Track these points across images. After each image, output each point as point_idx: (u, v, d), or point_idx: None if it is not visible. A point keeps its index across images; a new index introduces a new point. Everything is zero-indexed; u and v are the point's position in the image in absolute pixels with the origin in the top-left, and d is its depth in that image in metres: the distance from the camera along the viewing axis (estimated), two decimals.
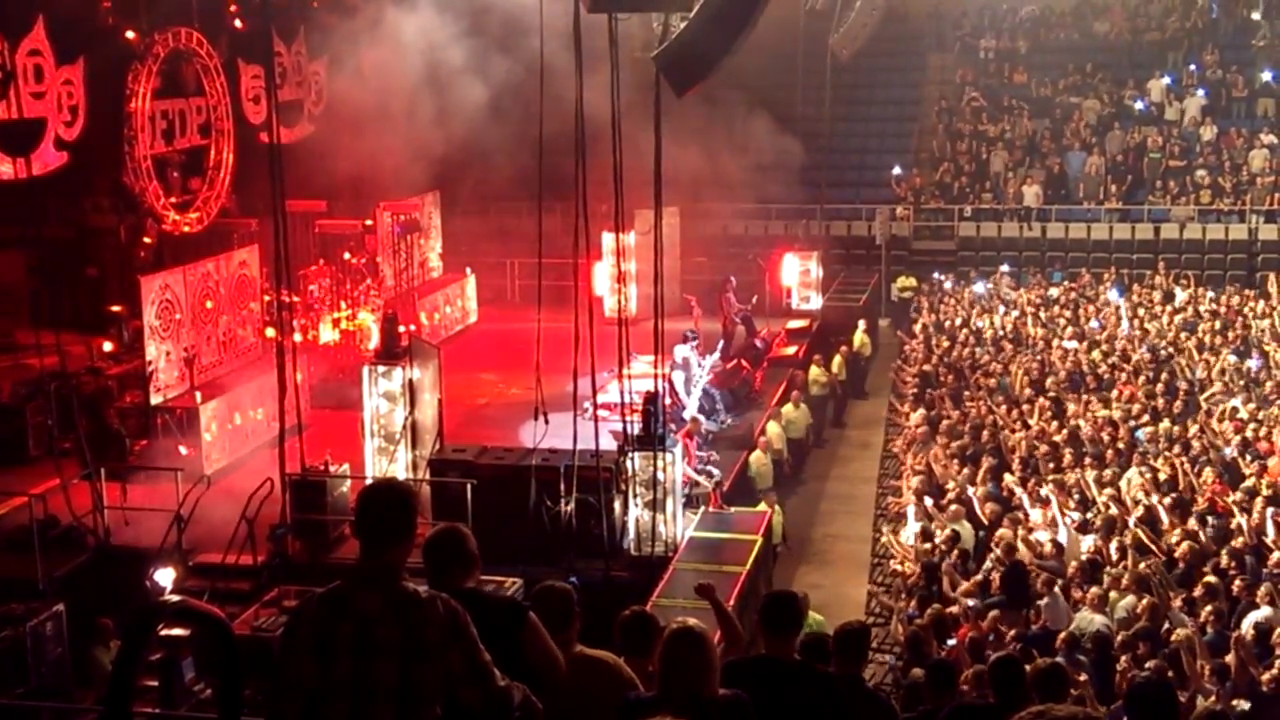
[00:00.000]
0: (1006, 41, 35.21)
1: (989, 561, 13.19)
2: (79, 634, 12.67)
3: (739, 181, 26.60)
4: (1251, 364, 20.35)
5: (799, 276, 26.57)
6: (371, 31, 23.65)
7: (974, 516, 14.43)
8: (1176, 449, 16.10)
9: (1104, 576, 12.41)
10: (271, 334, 19.88)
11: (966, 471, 15.89)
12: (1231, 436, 16.66)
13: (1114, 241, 29.83)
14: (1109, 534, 13.52)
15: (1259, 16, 33.89)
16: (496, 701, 4.46)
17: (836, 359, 22.92)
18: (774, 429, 18.97)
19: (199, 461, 16.74)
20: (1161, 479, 15.14)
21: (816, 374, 22.03)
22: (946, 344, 22.39)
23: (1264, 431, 16.75)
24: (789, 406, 19.95)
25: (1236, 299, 24.94)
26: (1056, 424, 17.44)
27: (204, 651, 11.28)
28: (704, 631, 4.84)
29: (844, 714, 5.84)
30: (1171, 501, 14.21)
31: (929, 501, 14.90)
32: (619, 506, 14.85)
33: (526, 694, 4.62)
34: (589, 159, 14.21)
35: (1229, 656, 10.40)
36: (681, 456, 15.54)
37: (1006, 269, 28.15)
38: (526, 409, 15.34)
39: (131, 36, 20.23)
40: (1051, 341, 22.20)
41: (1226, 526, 13.53)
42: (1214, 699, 9.66)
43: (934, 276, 28.58)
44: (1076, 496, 14.78)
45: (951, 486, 15.43)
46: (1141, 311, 24.26)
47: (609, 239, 20.32)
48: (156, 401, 17.43)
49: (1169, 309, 24.54)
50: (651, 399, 15.01)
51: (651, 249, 14.85)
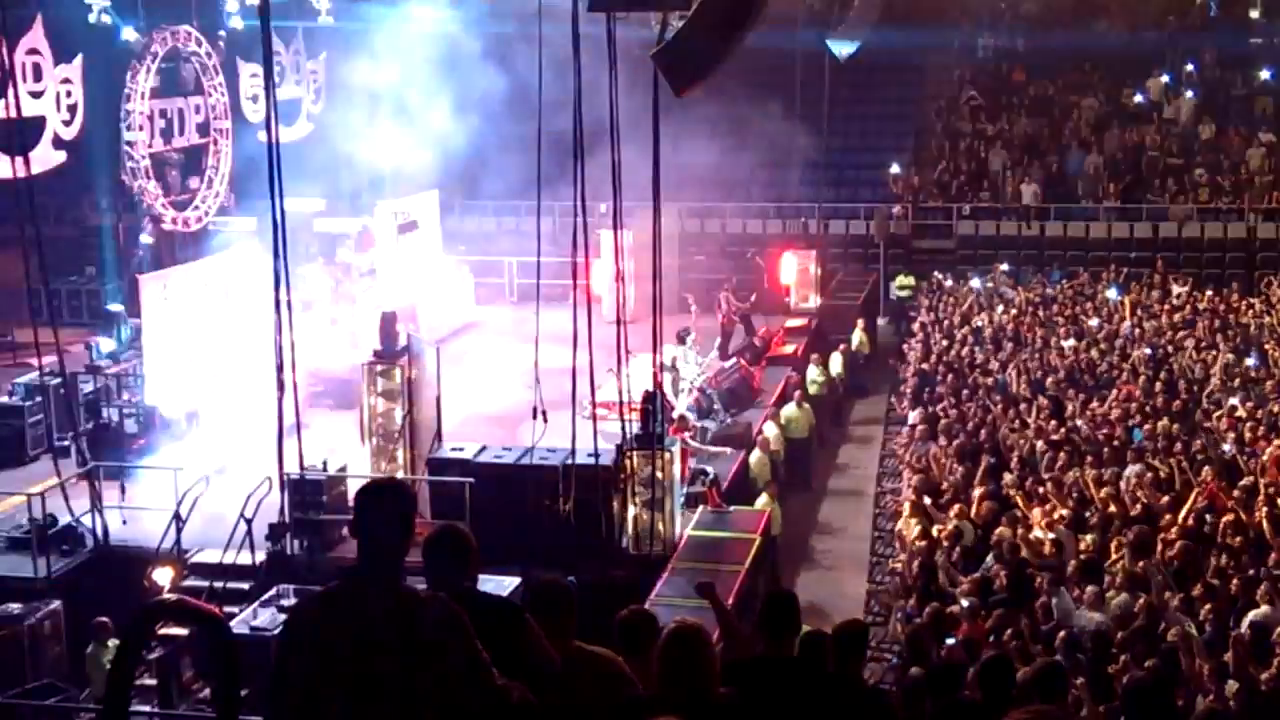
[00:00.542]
0: (1005, 40, 35.22)
1: (989, 560, 13.19)
2: (77, 633, 12.68)
3: (738, 180, 26.60)
4: (1250, 362, 20.36)
5: (798, 275, 26.56)
6: (371, 31, 23.67)
7: (972, 516, 14.42)
8: (1175, 447, 16.10)
9: (1102, 575, 12.40)
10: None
11: (965, 470, 15.88)
12: (1230, 435, 16.67)
13: (1112, 240, 29.83)
14: (1107, 533, 13.52)
15: (1257, 15, 33.90)
16: (495, 701, 4.46)
17: (835, 358, 22.92)
18: (772, 429, 18.95)
19: (197, 461, 16.74)
20: (1160, 477, 15.15)
21: (815, 373, 22.01)
22: (945, 343, 22.38)
23: (1262, 430, 16.75)
24: (791, 406, 19.91)
25: (1235, 297, 24.94)
26: (1055, 423, 17.44)
27: (202, 651, 11.28)
28: (704, 631, 4.84)
29: (843, 713, 5.83)
30: (1170, 500, 14.21)
31: (927, 501, 14.90)
32: (617, 505, 14.84)
33: (524, 693, 4.62)
34: (589, 157, 14.17)
35: (1227, 655, 10.40)
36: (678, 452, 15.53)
37: (1005, 267, 28.13)
38: (525, 408, 15.33)
39: (130, 35, 20.22)
40: (1050, 340, 22.20)
41: (1225, 525, 13.52)
42: (1212, 698, 9.65)
43: (933, 275, 28.58)
44: (1075, 495, 14.78)
45: (949, 485, 15.42)
46: (1140, 310, 24.25)
47: (608, 237, 20.27)
48: (155, 401, 17.43)
49: (1167, 307, 24.53)
50: (650, 398, 15.00)
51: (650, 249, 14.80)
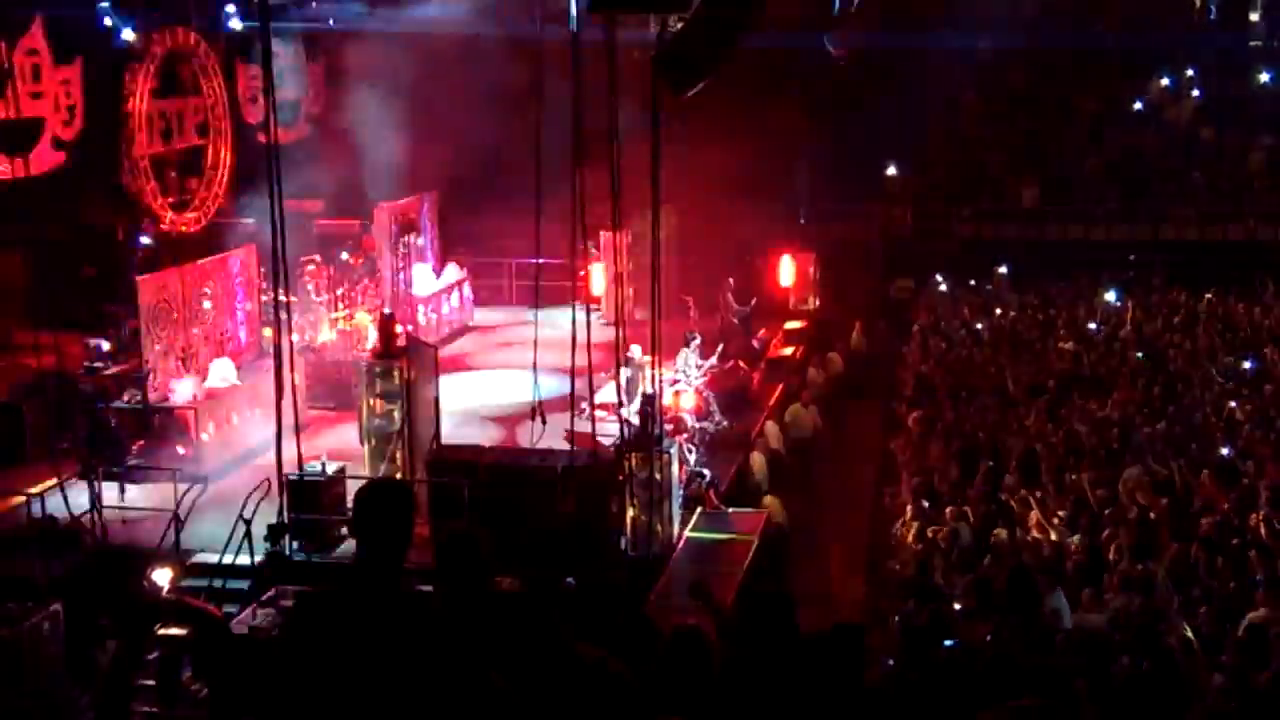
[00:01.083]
0: (1005, 42, 35.19)
1: (987, 562, 13.19)
2: (76, 634, 12.66)
3: (737, 181, 26.57)
4: (1247, 365, 20.36)
5: (796, 277, 26.57)
6: (370, 31, 23.66)
7: (970, 517, 14.42)
8: (1174, 450, 16.10)
9: (1100, 577, 12.41)
10: (269, 334, 19.89)
11: (963, 472, 15.88)
12: (1228, 437, 16.67)
13: (1112, 243, 29.83)
14: (1105, 535, 13.52)
15: (1257, 18, 33.93)
16: (494, 701, 4.47)
17: (834, 360, 22.92)
18: (772, 428, 18.96)
19: (196, 461, 16.75)
20: (1159, 480, 15.15)
21: (813, 375, 22.03)
22: (944, 345, 22.38)
23: (1260, 433, 16.75)
24: (796, 405, 19.88)
25: (1234, 300, 24.94)
26: (1053, 425, 17.44)
27: (201, 651, 11.27)
28: (703, 632, 4.86)
29: (841, 714, 5.84)
30: (1168, 502, 14.21)
31: (925, 503, 14.90)
32: (615, 507, 14.84)
33: (522, 694, 4.63)
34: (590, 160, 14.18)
35: (1225, 657, 10.41)
36: None
37: (1004, 270, 28.15)
38: (523, 409, 15.33)
39: (129, 36, 20.22)
40: (1048, 342, 22.20)
41: (1223, 527, 13.53)
42: (1210, 699, 9.66)
43: (933, 278, 28.57)
44: (1073, 497, 14.78)
45: (948, 488, 15.42)
46: (1139, 312, 24.26)
47: (606, 239, 20.31)
48: (154, 401, 17.42)
49: (1166, 310, 24.54)
50: (649, 399, 15.00)
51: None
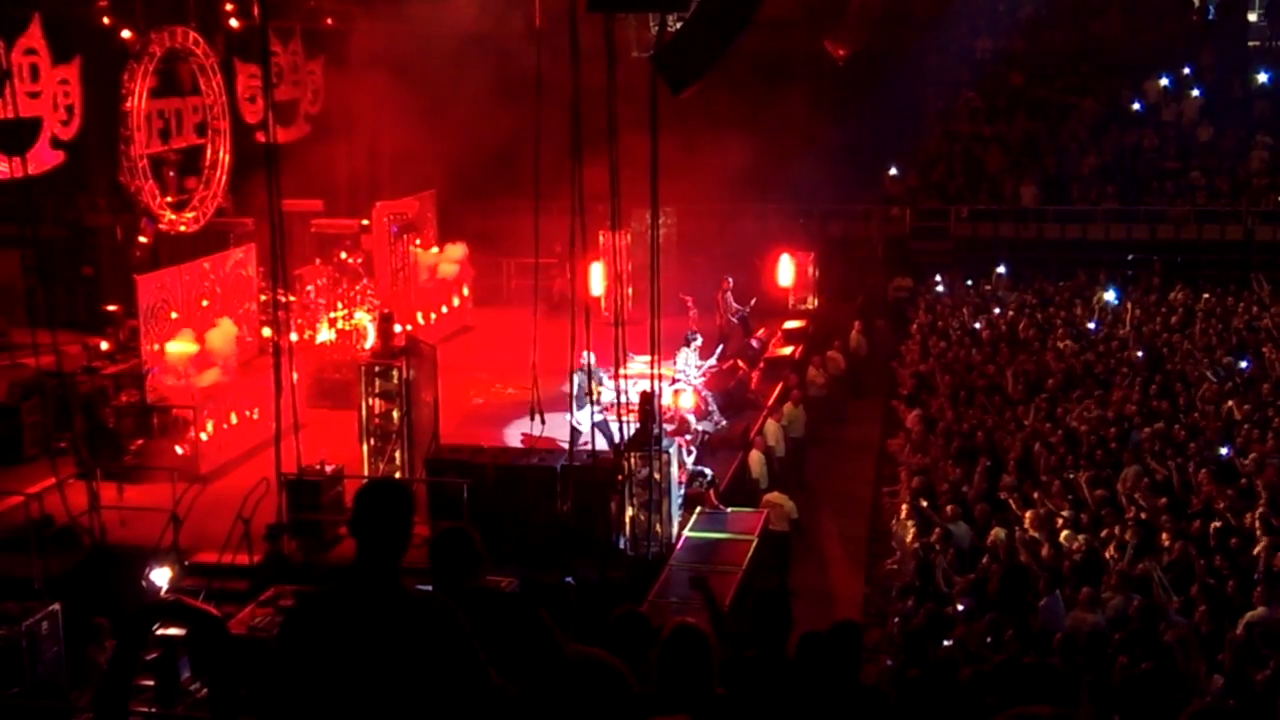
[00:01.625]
0: (1003, 42, 35.22)
1: (985, 561, 13.20)
2: (75, 633, 12.66)
3: (736, 181, 26.56)
4: (1244, 364, 20.36)
5: (795, 277, 26.56)
6: (369, 31, 23.66)
7: (969, 517, 14.43)
8: (1172, 449, 16.11)
9: (1098, 577, 12.42)
10: (268, 334, 19.90)
11: (962, 471, 15.89)
12: (1226, 436, 16.67)
13: (1110, 242, 29.85)
14: (1104, 534, 13.53)
15: (1255, 18, 33.93)
16: (493, 701, 4.47)
17: (835, 359, 22.92)
18: (772, 428, 18.95)
19: (195, 461, 16.75)
20: (1157, 479, 15.16)
21: (813, 374, 22.03)
22: (942, 344, 22.39)
23: (1258, 432, 16.76)
24: (789, 405, 19.92)
25: (1231, 299, 24.95)
26: (1051, 424, 17.45)
27: (200, 651, 11.27)
28: (702, 631, 4.85)
29: (840, 712, 5.84)
30: (1166, 502, 14.22)
31: (924, 502, 14.91)
32: (614, 506, 14.85)
33: (521, 693, 4.63)
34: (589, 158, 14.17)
35: (1223, 656, 10.42)
36: None
37: (1002, 269, 28.14)
38: (522, 409, 15.35)
39: (128, 35, 20.21)
40: (1047, 342, 22.20)
41: (1221, 526, 13.54)
42: (1208, 699, 9.66)
43: (932, 277, 28.56)
44: (1071, 497, 14.79)
45: (947, 487, 15.43)
46: (1138, 312, 24.25)
47: (605, 238, 20.32)
48: (153, 401, 17.43)
49: (1164, 309, 24.54)
50: (648, 398, 15.01)
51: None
